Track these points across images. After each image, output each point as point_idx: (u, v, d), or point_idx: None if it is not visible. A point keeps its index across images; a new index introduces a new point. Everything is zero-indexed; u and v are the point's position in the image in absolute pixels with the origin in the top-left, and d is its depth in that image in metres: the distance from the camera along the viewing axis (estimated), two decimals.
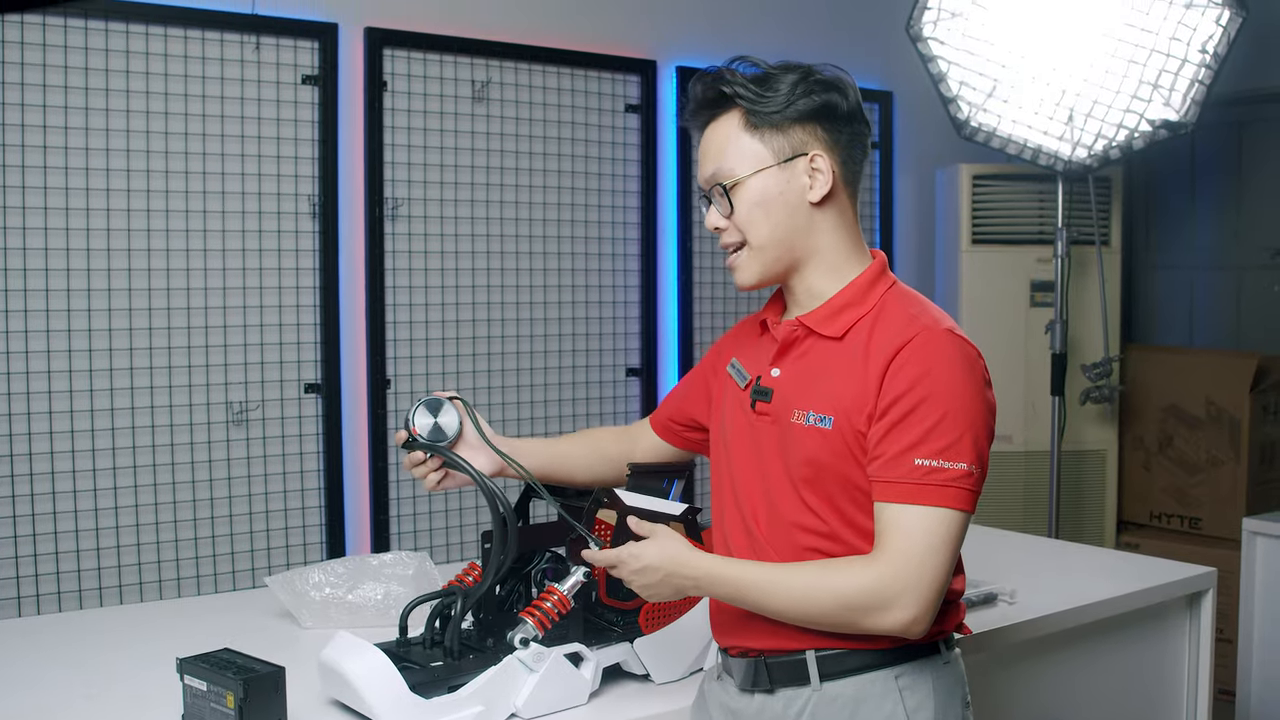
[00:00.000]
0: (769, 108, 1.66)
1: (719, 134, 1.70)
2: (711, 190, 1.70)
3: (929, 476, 1.53)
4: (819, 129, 1.67)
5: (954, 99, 4.00)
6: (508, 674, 1.73)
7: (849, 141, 1.69)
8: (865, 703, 1.61)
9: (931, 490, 1.53)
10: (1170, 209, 5.03)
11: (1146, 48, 3.79)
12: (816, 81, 1.68)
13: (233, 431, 3.32)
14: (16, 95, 3.00)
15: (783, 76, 1.68)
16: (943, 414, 1.54)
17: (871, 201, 4.66)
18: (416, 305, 3.62)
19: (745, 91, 1.67)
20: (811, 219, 1.67)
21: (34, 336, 3.04)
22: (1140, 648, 2.57)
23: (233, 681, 1.61)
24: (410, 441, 1.87)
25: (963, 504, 1.55)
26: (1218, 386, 4.40)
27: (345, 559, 2.33)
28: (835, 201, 1.69)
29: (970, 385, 1.57)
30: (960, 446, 1.54)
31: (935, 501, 1.53)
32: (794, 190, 1.66)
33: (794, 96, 1.66)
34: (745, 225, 1.68)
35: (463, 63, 3.68)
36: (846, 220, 1.71)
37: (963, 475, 1.54)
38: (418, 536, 3.60)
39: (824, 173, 1.66)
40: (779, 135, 1.66)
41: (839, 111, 1.68)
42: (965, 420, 1.55)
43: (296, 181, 3.40)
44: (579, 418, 3.95)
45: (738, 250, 1.71)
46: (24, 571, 3.03)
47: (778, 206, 1.66)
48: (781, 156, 1.66)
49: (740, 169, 1.67)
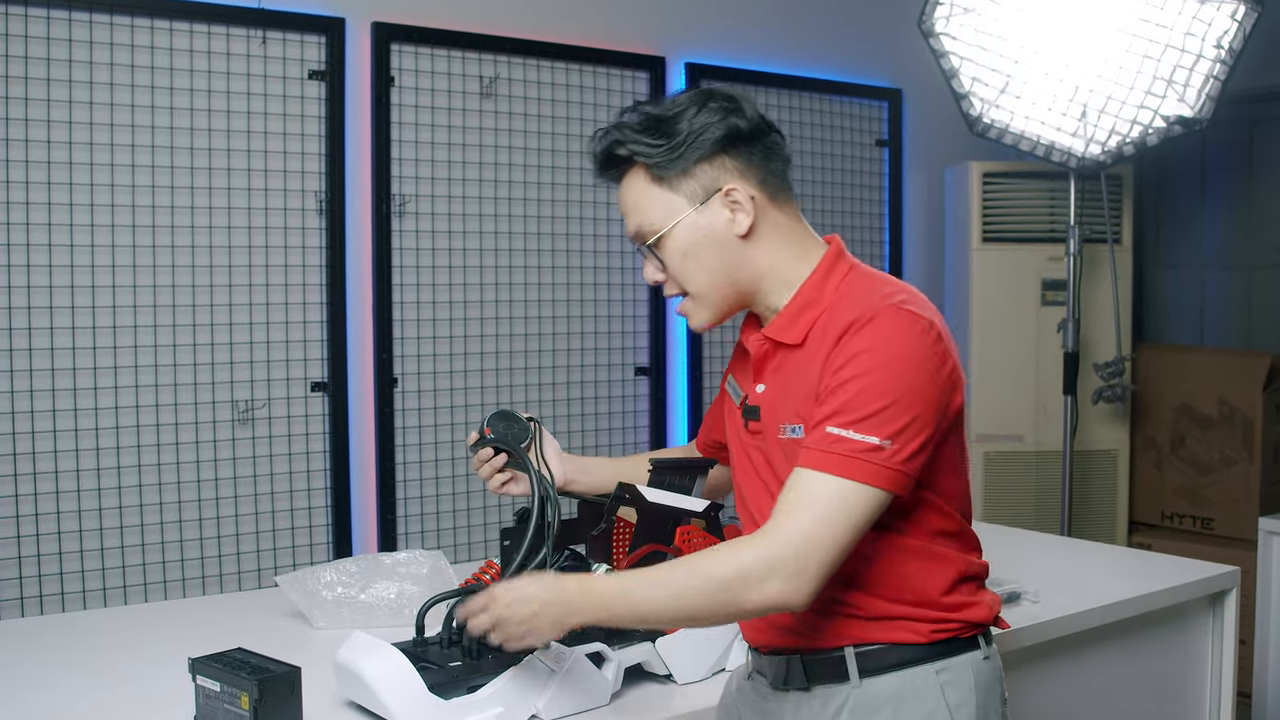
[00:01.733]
0: (669, 156, 1.60)
1: (630, 192, 1.65)
2: (641, 247, 1.67)
3: (835, 445, 1.46)
4: (727, 159, 1.61)
5: (966, 95, 3.97)
6: (528, 674, 1.69)
7: (763, 158, 1.64)
8: (906, 699, 1.56)
9: (834, 459, 1.46)
10: (1180, 207, 5.00)
11: (1161, 43, 3.76)
12: (710, 110, 1.61)
13: (239, 430, 3.29)
14: (20, 89, 2.96)
15: (675, 119, 1.61)
16: (865, 386, 1.47)
17: (881, 200, 4.63)
18: (424, 303, 3.58)
19: (640, 147, 1.61)
20: (745, 249, 1.63)
21: (39, 334, 3.00)
22: (1161, 649, 2.53)
23: (247, 682, 1.58)
24: (480, 440, 1.90)
25: (867, 478, 1.46)
26: (1230, 386, 4.36)
27: (358, 557, 2.29)
28: (766, 220, 1.63)
29: (906, 359, 1.49)
30: (878, 420, 1.46)
31: (835, 471, 1.46)
32: (718, 229, 1.61)
33: (691, 136, 1.60)
34: (680, 277, 1.65)
35: (471, 58, 3.65)
36: (784, 230, 1.65)
37: (870, 449, 1.45)
38: (425, 536, 3.57)
39: (743, 203, 1.60)
40: (687, 179, 1.61)
41: (741, 133, 1.62)
42: (891, 394, 1.47)
43: (303, 178, 3.36)
44: (587, 416, 3.91)
45: (683, 298, 1.68)
46: (28, 572, 3.00)
47: (707, 250, 1.62)
48: (696, 200, 1.61)
49: (659, 223, 1.62)
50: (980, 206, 4.44)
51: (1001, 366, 4.44)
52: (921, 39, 3.98)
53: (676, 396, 4.11)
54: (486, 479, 1.93)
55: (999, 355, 4.45)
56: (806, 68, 4.39)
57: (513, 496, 1.95)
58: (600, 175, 1.70)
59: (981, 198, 4.43)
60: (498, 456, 1.91)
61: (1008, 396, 4.44)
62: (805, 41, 4.41)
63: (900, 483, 1.48)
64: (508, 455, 1.91)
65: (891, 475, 1.46)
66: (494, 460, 1.92)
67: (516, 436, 1.92)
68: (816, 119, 4.43)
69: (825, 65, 4.45)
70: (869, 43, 4.56)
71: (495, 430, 1.91)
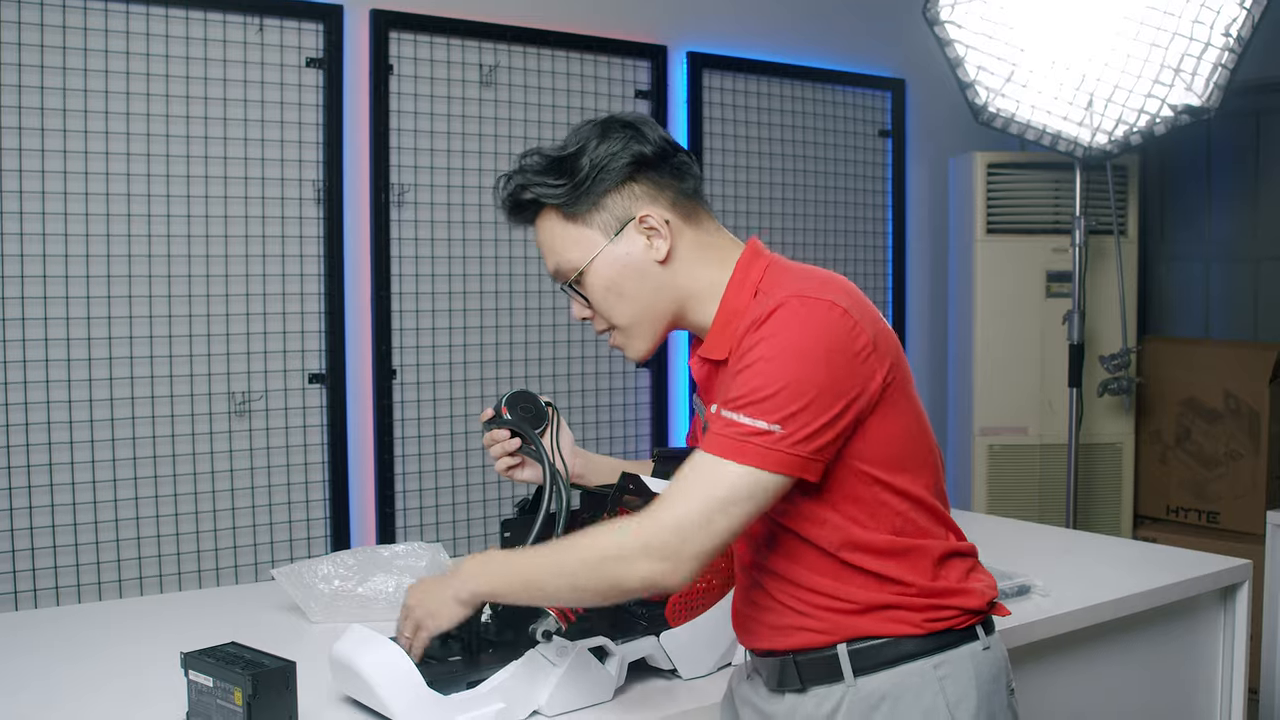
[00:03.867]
0: (575, 193, 1.60)
1: (544, 233, 1.65)
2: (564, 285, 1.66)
3: (725, 429, 1.44)
4: (635, 187, 1.60)
5: (971, 84, 3.93)
6: (530, 669, 1.65)
7: (671, 176, 1.62)
8: (903, 697, 1.52)
9: (722, 441, 1.44)
10: (1185, 198, 4.96)
11: (1168, 31, 3.71)
12: (612, 140, 1.60)
13: (235, 422, 3.25)
14: (14, 76, 2.92)
15: (576, 155, 1.60)
16: (759, 371, 1.44)
17: (884, 191, 4.59)
18: (423, 294, 3.54)
19: (545, 190, 1.61)
20: (666, 274, 1.61)
21: (32, 324, 2.97)
22: (1171, 644, 2.49)
23: (241, 677, 1.54)
24: (495, 419, 1.86)
25: (751, 460, 1.43)
26: (1236, 379, 4.33)
27: (355, 550, 2.26)
28: (683, 242, 1.62)
29: (801, 343, 1.45)
30: (769, 404, 1.43)
31: (723, 454, 1.43)
32: (636, 258, 1.60)
33: (595, 170, 1.59)
34: (605, 311, 1.64)
35: (470, 46, 3.61)
36: (704, 247, 1.63)
37: (756, 432, 1.42)
38: (424, 529, 3.53)
39: (658, 227, 1.59)
40: (599, 212, 1.60)
41: (647, 159, 1.60)
42: (783, 378, 1.43)
43: (300, 167, 3.32)
44: (587, 409, 3.87)
45: (613, 332, 1.67)
46: (22, 565, 2.96)
47: (628, 281, 1.61)
48: (610, 231, 1.60)
49: (578, 260, 1.62)
50: (984, 197, 4.40)
51: (1005, 359, 4.41)
52: (926, 27, 3.94)
53: (678, 390, 4.07)
54: (496, 458, 1.90)
55: (1003, 347, 4.41)
56: (809, 57, 4.35)
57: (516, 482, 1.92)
58: (512, 221, 1.69)
59: (986, 188, 4.40)
60: (512, 439, 1.87)
61: (1012, 389, 4.41)
62: (808, 31, 4.37)
63: (797, 466, 1.44)
64: (522, 440, 1.86)
65: (784, 459, 1.43)
66: (507, 443, 1.87)
67: (534, 421, 1.87)
68: (819, 109, 4.39)
69: (828, 54, 4.41)
70: (872, 32, 4.52)
71: (513, 412, 1.86)
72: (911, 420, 1.56)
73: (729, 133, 4.15)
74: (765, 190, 4.26)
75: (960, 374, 4.59)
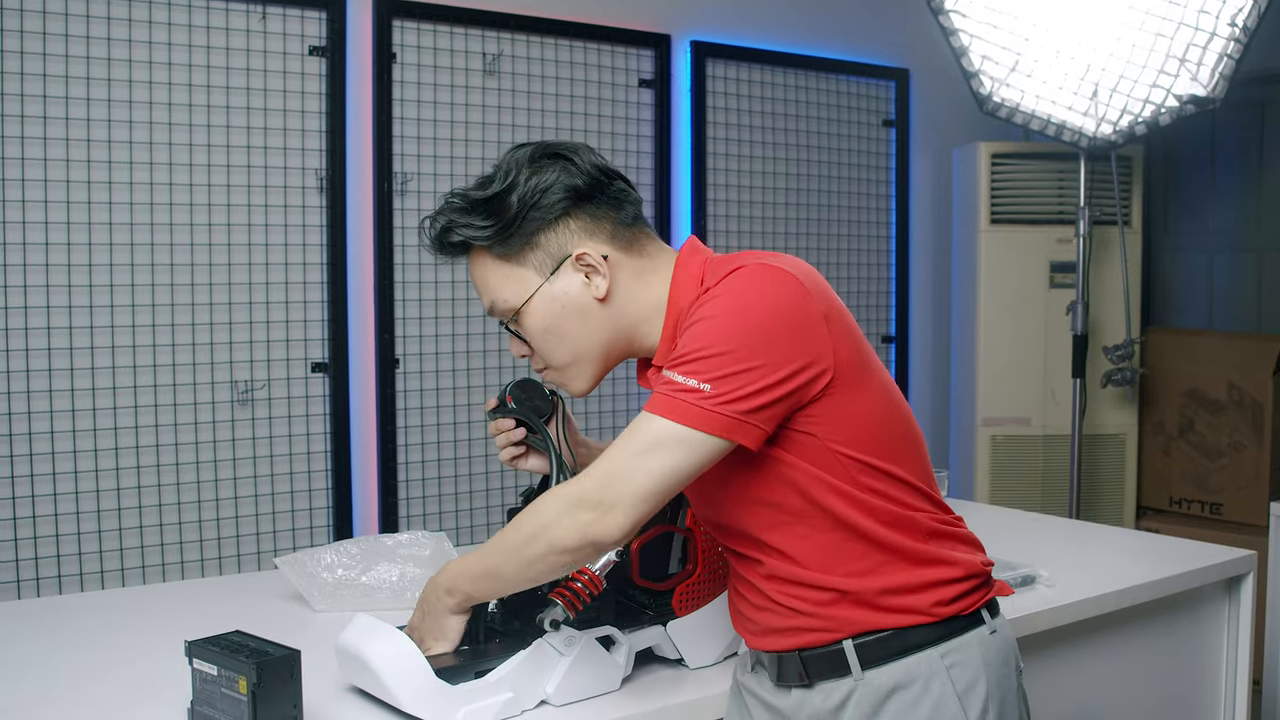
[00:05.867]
0: (505, 234, 1.55)
1: (478, 271, 1.60)
2: (502, 323, 1.63)
3: (663, 387, 1.44)
4: (570, 221, 1.55)
5: (976, 74, 3.92)
6: (537, 658, 1.64)
7: (608, 207, 1.57)
8: (912, 687, 1.51)
9: (659, 398, 1.43)
10: (1190, 189, 4.95)
11: (1174, 21, 3.70)
12: (542, 173, 1.55)
13: (238, 411, 3.24)
14: (16, 64, 2.91)
15: (505, 193, 1.54)
16: (700, 332, 1.43)
17: (887, 181, 4.58)
18: (426, 283, 3.53)
19: (474, 232, 1.55)
20: (608, 310, 1.57)
21: (35, 313, 2.96)
22: (1174, 634, 2.49)
23: (245, 665, 1.53)
24: (500, 408, 1.84)
25: (684, 418, 1.41)
26: (1239, 370, 4.32)
27: (359, 539, 2.25)
28: (624, 274, 1.58)
29: (750, 307, 1.43)
30: (704, 364, 1.41)
31: (657, 410, 1.43)
32: (574, 296, 1.56)
33: (525, 208, 1.53)
34: (545, 353, 1.60)
35: (474, 35, 3.60)
36: (646, 272, 1.59)
37: (688, 390, 1.41)
38: (427, 519, 3.53)
39: (596, 264, 1.55)
40: (533, 251, 1.55)
41: (580, 191, 1.55)
42: (725, 343, 1.42)
43: (303, 155, 3.31)
44: (589, 400, 3.87)
45: (548, 371, 1.64)
46: (25, 554, 2.96)
47: (568, 320, 1.57)
48: (546, 270, 1.56)
49: (513, 299, 1.57)
50: (988, 188, 4.39)
51: (1009, 350, 4.40)
52: (930, 17, 3.93)
53: None
54: (501, 448, 1.88)
55: (1006, 338, 4.41)
56: (813, 46, 4.34)
57: (520, 472, 1.90)
58: (441, 259, 1.63)
59: (990, 179, 4.39)
60: (517, 429, 1.86)
61: (1015, 380, 4.41)
62: (812, 19, 4.36)
63: (728, 428, 1.41)
64: (527, 429, 1.86)
65: (713, 419, 1.41)
66: (512, 432, 1.86)
67: (539, 410, 1.86)
68: (823, 99, 4.38)
69: (832, 44, 4.40)
70: (876, 21, 4.50)
71: (517, 400, 1.84)
72: (884, 400, 1.53)
73: (732, 122, 4.14)
74: (768, 180, 4.24)
75: (963, 364, 4.58)
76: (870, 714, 1.52)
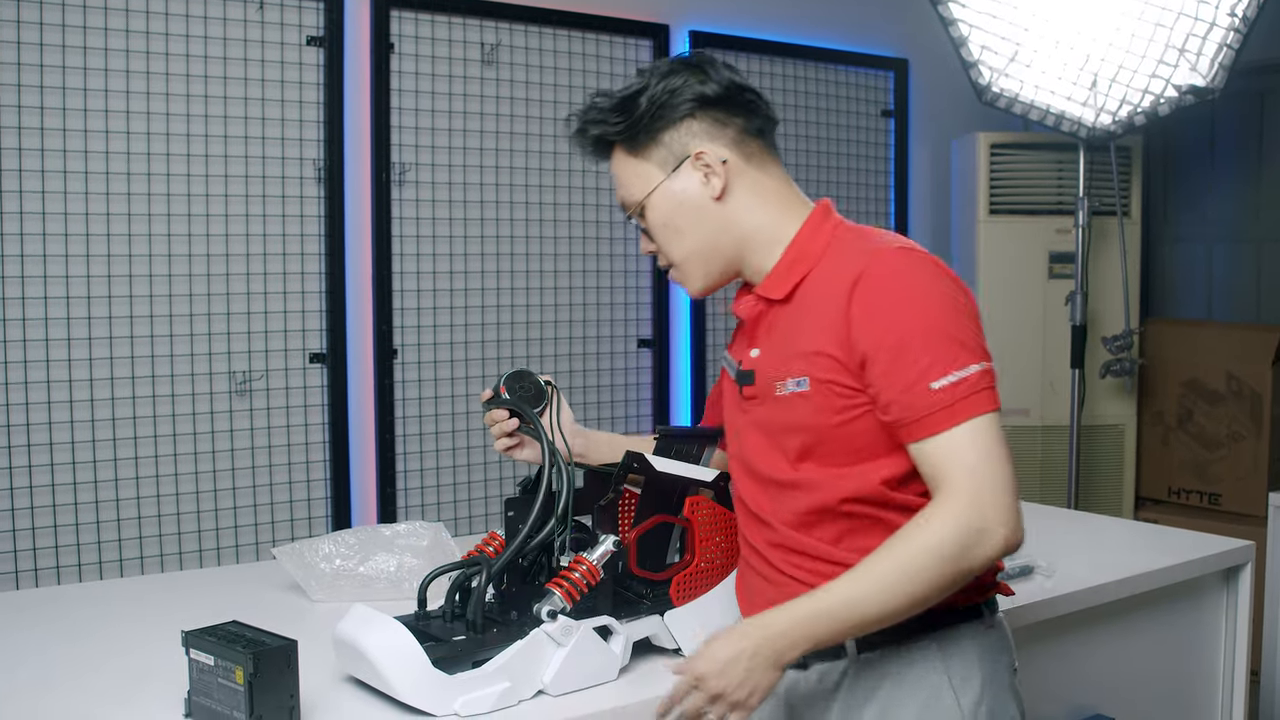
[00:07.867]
0: (634, 129, 1.63)
1: (615, 167, 1.70)
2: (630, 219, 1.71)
3: (951, 393, 1.45)
4: (694, 123, 1.62)
5: (975, 64, 3.91)
6: (534, 648, 1.64)
7: (737, 118, 1.63)
8: (907, 674, 1.53)
9: (961, 406, 1.45)
10: (1188, 180, 4.94)
11: (1173, 11, 3.70)
12: (674, 77, 1.63)
13: (236, 402, 3.24)
14: (13, 54, 2.90)
15: (638, 93, 1.63)
16: (927, 332, 1.46)
17: (886, 171, 4.58)
18: (424, 273, 3.53)
19: (609, 126, 1.65)
20: (724, 212, 1.63)
21: (32, 304, 2.95)
22: (1173, 625, 2.49)
23: (242, 655, 1.53)
24: (494, 399, 1.87)
25: (992, 404, 1.47)
26: (1238, 360, 4.32)
27: (356, 529, 2.25)
28: (743, 182, 1.63)
29: (936, 291, 1.49)
30: (963, 351, 1.47)
31: (968, 414, 1.45)
32: (693, 194, 1.63)
33: (655, 104, 1.61)
34: (664, 246, 1.67)
35: (472, 25, 3.59)
36: (767, 191, 1.65)
37: (979, 376, 1.47)
38: (425, 509, 3.53)
39: (714, 165, 1.61)
40: (658, 148, 1.63)
41: (708, 98, 1.62)
42: (950, 325, 1.48)
43: (301, 146, 3.31)
44: (589, 389, 3.86)
45: (672, 269, 1.70)
46: (22, 544, 2.96)
47: (684, 217, 1.64)
48: (668, 167, 1.63)
49: (638, 193, 1.66)
50: (987, 178, 4.39)
51: (1007, 340, 4.39)
52: (929, 6, 3.92)
53: (679, 369, 4.06)
54: (496, 438, 1.90)
55: (1005, 329, 4.40)
56: (811, 36, 4.33)
57: (517, 461, 1.91)
58: (587, 156, 1.73)
59: (989, 169, 4.39)
60: (511, 419, 1.86)
61: (1014, 370, 4.40)
62: (810, 10, 4.35)
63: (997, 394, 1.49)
64: (520, 419, 1.86)
65: (996, 391, 1.48)
66: (506, 423, 1.88)
67: (532, 400, 1.87)
68: (821, 89, 4.37)
69: (830, 34, 4.39)
70: (875, 11, 4.49)
71: (511, 390, 1.86)
72: None
73: None
74: None
75: None
76: (864, 699, 1.53)
